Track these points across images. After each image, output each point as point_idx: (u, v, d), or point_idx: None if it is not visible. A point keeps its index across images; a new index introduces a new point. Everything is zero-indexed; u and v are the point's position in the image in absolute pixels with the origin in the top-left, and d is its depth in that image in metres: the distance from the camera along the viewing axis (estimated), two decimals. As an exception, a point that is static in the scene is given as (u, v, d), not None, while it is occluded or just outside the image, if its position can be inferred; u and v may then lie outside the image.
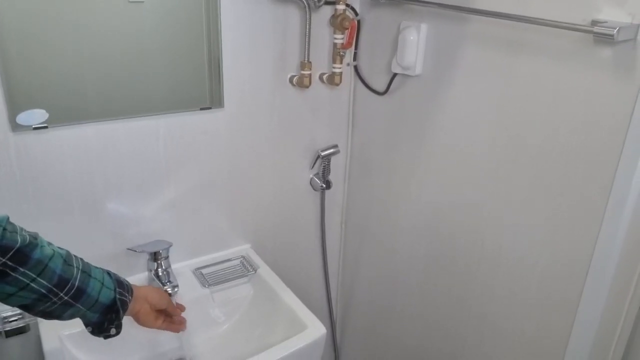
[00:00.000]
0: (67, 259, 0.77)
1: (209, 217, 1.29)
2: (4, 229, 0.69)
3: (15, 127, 0.97)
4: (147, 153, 1.14)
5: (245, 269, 1.31)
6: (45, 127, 1.00)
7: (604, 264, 0.92)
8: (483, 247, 1.14)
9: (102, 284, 0.81)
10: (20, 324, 1.08)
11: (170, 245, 1.19)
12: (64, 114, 1.02)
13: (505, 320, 1.14)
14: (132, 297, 0.86)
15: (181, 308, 1.08)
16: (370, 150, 1.41)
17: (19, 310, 1.07)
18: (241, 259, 1.34)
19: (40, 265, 0.72)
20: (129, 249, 1.17)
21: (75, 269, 0.77)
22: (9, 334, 1.08)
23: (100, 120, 1.06)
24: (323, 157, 1.39)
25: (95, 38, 1.00)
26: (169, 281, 1.16)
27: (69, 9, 0.97)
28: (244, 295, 1.27)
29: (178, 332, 1.02)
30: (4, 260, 0.68)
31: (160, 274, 1.17)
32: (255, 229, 1.39)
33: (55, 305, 0.75)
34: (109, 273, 0.84)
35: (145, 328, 0.95)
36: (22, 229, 0.72)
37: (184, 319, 1.03)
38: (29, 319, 1.08)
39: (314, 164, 1.42)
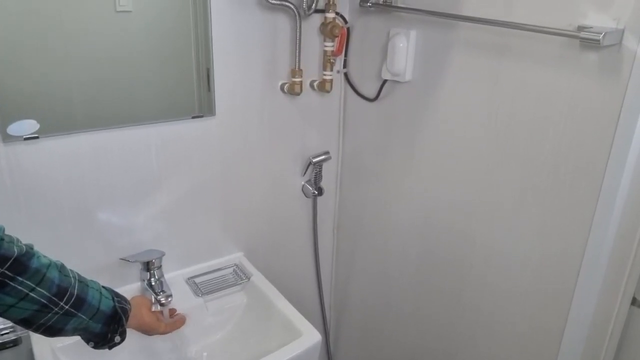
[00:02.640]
0: (62, 269, 0.77)
1: (201, 226, 1.28)
2: (1, 239, 0.69)
3: (6, 137, 0.97)
4: (139, 162, 1.13)
5: (239, 277, 1.30)
6: (36, 138, 1.00)
7: (595, 262, 0.93)
8: (475, 248, 1.15)
9: (101, 293, 0.81)
10: (12, 336, 1.06)
11: (163, 255, 1.18)
12: (55, 124, 1.02)
13: (498, 319, 1.15)
14: (130, 305, 0.86)
15: (172, 312, 1.09)
16: (362, 155, 1.42)
17: (10, 323, 1.06)
18: (234, 267, 1.34)
19: (38, 274, 0.72)
20: (121, 258, 1.16)
21: (72, 278, 0.77)
22: (1, 347, 1.06)
23: (91, 129, 1.06)
24: (315, 163, 1.39)
25: (84, 48, 1.00)
26: (162, 291, 1.15)
27: (58, 19, 0.97)
28: (238, 304, 1.27)
29: (181, 326, 1.04)
30: (2, 269, 0.68)
31: (153, 283, 1.16)
32: (248, 236, 1.39)
33: (57, 316, 0.74)
34: (103, 286, 0.84)
35: (141, 337, 0.95)
36: (18, 239, 0.72)
37: (180, 314, 1.04)
38: (20, 331, 1.07)
39: (306, 170, 1.42)
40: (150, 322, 0.93)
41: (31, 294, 0.70)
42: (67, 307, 0.74)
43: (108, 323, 0.81)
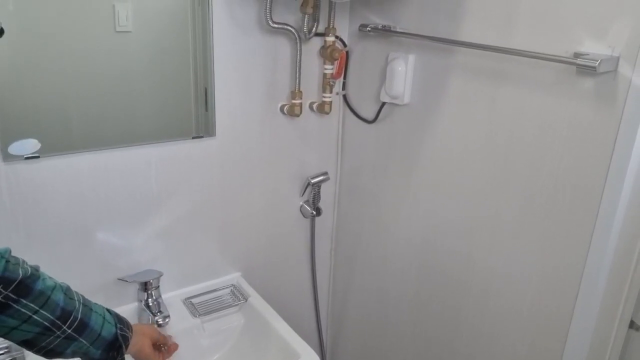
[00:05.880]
0: (68, 292, 0.76)
1: (199, 246, 1.28)
2: (7, 261, 0.68)
3: (7, 157, 0.97)
4: (139, 182, 1.14)
5: (236, 297, 1.30)
6: (37, 157, 1.00)
7: (593, 286, 0.94)
8: (474, 269, 1.16)
9: (104, 318, 0.80)
10: (7, 358, 1.05)
11: (161, 275, 1.18)
12: (56, 144, 1.02)
13: (497, 340, 1.14)
14: (131, 332, 0.85)
15: (170, 338, 1.07)
16: (360, 176, 1.43)
17: (5, 344, 1.04)
18: (231, 287, 1.33)
19: (43, 297, 0.71)
20: (119, 279, 1.15)
21: (76, 302, 0.76)
22: (-5, 368, 1.05)
23: (91, 149, 1.06)
24: (313, 184, 1.40)
25: (84, 68, 1.02)
26: (160, 311, 1.14)
27: (59, 40, 0.98)
28: (235, 325, 1.26)
29: (174, 352, 1.01)
30: (6, 292, 0.67)
31: (150, 304, 1.16)
32: (246, 257, 1.39)
33: (59, 340, 0.73)
34: (107, 310, 0.83)
35: None
36: (24, 261, 0.72)
37: (174, 343, 1.03)
38: (16, 352, 1.05)
39: (304, 191, 1.43)
40: (148, 352, 0.91)
41: (34, 316, 0.70)
42: (69, 330, 0.74)
43: (108, 349, 0.80)
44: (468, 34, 1.05)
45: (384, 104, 1.27)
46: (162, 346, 0.97)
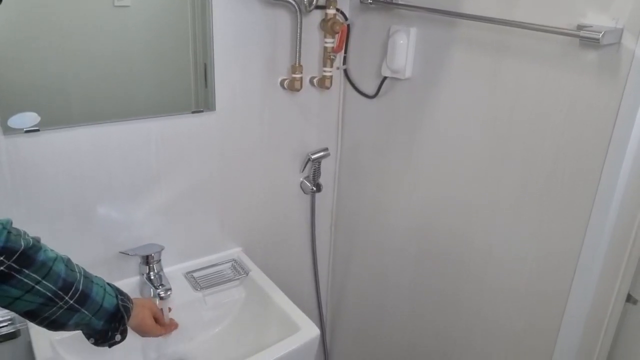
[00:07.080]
0: (68, 263, 0.77)
1: (200, 221, 1.29)
2: (9, 232, 0.69)
3: (7, 130, 0.97)
4: (139, 156, 1.14)
5: (237, 272, 1.31)
6: (37, 131, 1.00)
7: (591, 261, 0.94)
8: (472, 247, 1.16)
9: (105, 290, 0.81)
10: (11, 329, 1.06)
11: (162, 249, 1.19)
12: (56, 117, 1.02)
13: (495, 318, 1.16)
14: (132, 304, 0.86)
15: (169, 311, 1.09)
16: (360, 152, 1.43)
17: (8, 316, 1.06)
18: (232, 262, 1.34)
19: (45, 267, 0.72)
20: (121, 252, 1.16)
21: (77, 273, 0.77)
22: (-1, 339, 1.07)
23: (92, 123, 1.06)
24: (313, 160, 1.40)
25: (82, 43, 1.01)
26: (162, 284, 1.16)
27: (57, 14, 0.97)
28: (236, 298, 1.28)
29: (172, 331, 1.04)
30: (9, 262, 0.68)
31: (152, 277, 1.17)
32: (246, 232, 1.39)
33: (61, 311, 0.74)
34: (108, 283, 0.84)
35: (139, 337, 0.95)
36: (25, 232, 0.73)
37: (173, 320, 1.05)
38: (19, 324, 1.07)
39: (305, 166, 1.43)
40: (150, 324, 0.93)
41: (37, 287, 0.71)
42: (71, 301, 0.75)
43: (110, 320, 0.81)
44: (470, 6, 1.03)
45: (385, 78, 1.26)
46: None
